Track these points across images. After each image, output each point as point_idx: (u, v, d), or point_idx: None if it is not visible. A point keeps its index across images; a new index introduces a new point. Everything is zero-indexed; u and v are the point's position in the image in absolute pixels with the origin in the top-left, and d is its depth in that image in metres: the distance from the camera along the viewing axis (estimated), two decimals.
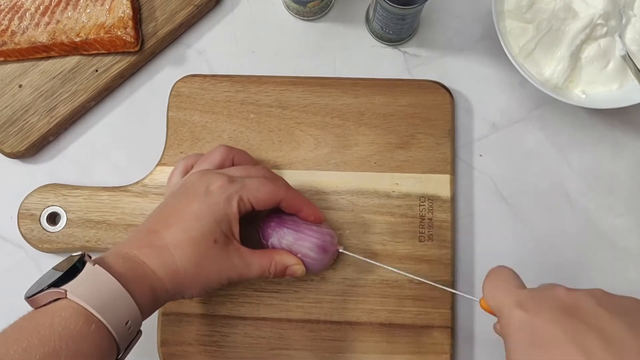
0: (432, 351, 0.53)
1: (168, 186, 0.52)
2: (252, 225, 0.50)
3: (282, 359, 0.53)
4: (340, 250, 0.51)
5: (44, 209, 0.56)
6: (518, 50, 0.57)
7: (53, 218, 0.56)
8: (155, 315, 0.52)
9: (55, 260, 0.57)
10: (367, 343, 0.53)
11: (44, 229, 0.56)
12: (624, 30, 0.56)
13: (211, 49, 0.61)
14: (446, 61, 0.60)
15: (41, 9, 0.57)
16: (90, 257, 0.42)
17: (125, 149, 0.59)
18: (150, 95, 0.60)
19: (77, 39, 0.57)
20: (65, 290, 0.39)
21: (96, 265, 0.41)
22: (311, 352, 0.53)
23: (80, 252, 0.43)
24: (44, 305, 0.39)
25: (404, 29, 0.58)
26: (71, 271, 0.40)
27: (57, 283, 0.40)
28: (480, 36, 0.61)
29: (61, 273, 0.40)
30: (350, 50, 0.61)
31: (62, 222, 0.56)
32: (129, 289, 0.41)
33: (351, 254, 0.51)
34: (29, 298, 0.40)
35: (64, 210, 0.56)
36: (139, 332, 0.43)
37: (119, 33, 0.56)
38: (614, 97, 0.56)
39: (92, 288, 0.40)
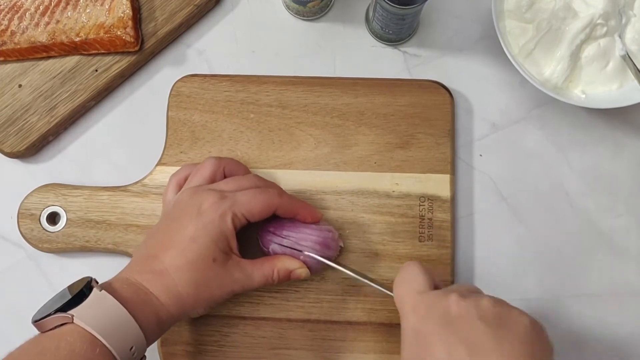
0: None
1: (163, 203, 0.52)
2: (252, 234, 0.50)
3: (282, 358, 0.53)
4: (329, 262, 0.49)
5: (44, 209, 0.56)
6: (518, 50, 0.57)
7: (53, 218, 0.56)
8: None
9: (55, 260, 0.57)
10: (367, 343, 0.53)
11: (44, 228, 0.56)
12: (623, 30, 0.56)
13: (211, 49, 0.61)
14: (446, 61, 0.60)
15: (41, 9, 0.57)
16: (97, 282, 0.43)
17: (125, 149, 0.59)
18: (150, 95, 0.60)
19: (77, 39, 0.57)
20: (72, 315, 0.40)
21: (103, 290, 0.41)
22: (311, 351, 0.53)
23: (87, 277, 0.43)
24: (51, 329, 0.40)
25: (404, 29, 0.58)
26: (78, 296, 0.41)
27: (64, 308, 0.40)
28: (480, 36, 0.61)
29: (68, 298, 0.41)
30: (350, 50, 0.61)
31: (62, 222, 0.56)
32: (134, 314, 0.41)
33: (336, 266, 0.49)
34: (36, 322, 0.40)
35: (64, 210, 0.56)
36: (144, 358, 0.44)
37: (119, 33, 0.56)
38: (614, 97, 0.56)
39: (98, 313, 0.40)
